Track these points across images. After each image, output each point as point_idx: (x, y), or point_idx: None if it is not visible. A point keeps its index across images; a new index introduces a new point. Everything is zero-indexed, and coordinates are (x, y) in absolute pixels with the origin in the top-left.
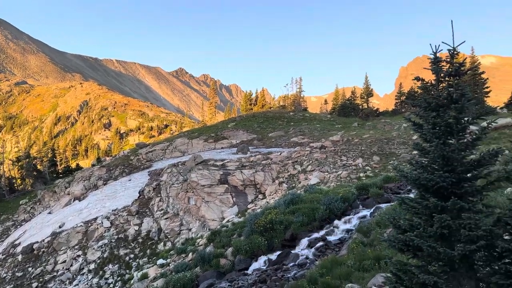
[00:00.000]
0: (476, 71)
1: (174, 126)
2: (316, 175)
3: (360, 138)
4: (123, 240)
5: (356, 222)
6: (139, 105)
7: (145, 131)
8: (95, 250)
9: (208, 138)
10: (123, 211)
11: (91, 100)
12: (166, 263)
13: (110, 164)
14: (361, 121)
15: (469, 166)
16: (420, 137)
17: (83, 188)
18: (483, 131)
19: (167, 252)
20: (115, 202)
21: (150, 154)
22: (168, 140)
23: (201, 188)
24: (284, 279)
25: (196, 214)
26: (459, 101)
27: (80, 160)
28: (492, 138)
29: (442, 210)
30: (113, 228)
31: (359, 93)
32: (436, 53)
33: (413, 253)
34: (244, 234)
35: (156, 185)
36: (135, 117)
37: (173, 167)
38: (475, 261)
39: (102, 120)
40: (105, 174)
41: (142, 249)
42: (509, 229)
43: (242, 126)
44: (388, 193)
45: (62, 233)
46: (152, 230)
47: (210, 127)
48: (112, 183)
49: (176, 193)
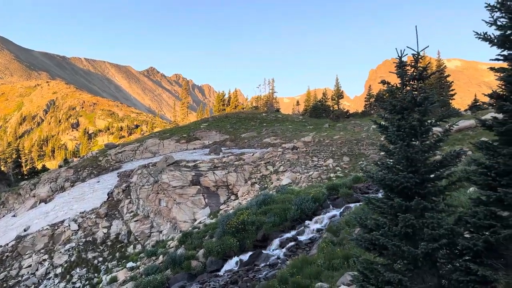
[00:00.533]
0: (442, 74)
1: (145, 127)
2: (288, 176)
3: (331, 139)
4: (91, 243)
5: (326, 221)
6: (109, 105)
7: (115, 131)
8: (62, 253)
9: (180, 138)
10: (91, 213)
11: (58, 99)
12: (136, 266)
13: (78, 165)
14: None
15: (432, 167)
16: (386, 139)
17: (49, 190)
18: (445, 133)
19: (137, 255)
20: (83, 205)
21: (120, 155)
22: (138, 140)
23: (173, 189)
24: (256, 279)
25: (167, 216)
26: (423, 104)
27: (46, 161)
28: (456, 139)
29: (406, 210)
30: (81, 231)
31: (330, 94)
32: (401, 57)
33: (379, 252)
34: (216, 236)
35: (126, 187)
36: (104, 117)
37: (143, 168)
38: (438, 259)
39: (70, 120)
40: (72, 175)
41: (111, 252)
42: (469, 227)
43: (214, 126)
44: (357, 193)
45: (27, 236)
46: (121, 233)
47: (182, 127)
48: (80, 184)
49: (146, 194)
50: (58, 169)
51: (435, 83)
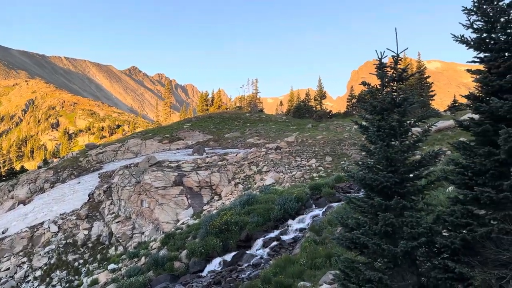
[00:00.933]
0: (422, 75)
1: (126, 127)
2: (271, 176)
3: (314, 139)
4: (71, 245)
5: (309, 221)
6: (89, 104)
7: (96, 131)
8: (41, 256)
9: (162, 139)
10: (71, 215)
11: (38, 98)
12: (118, 268)
13: (58, 166)
14: (315, 123)
15: (411, 166)
16: (367, 139)
17: (28, 191)
18: (424, 133)
19: (119, 257)
20: (63, 206)
21: (101, 156)
22: (120, 141)
23: (155, 190)
24: (239, 279)
25: (149, 217)
26: (402, 105)
27: (25, 162)
28: (436, 139)
29: (386, 209)
30: (61, 232)
31: (313, 95)
32: (381, 59)
33: (360, 251)
34: (199, 236)
35: (107, 188)
36: (85, 116)
37: (125, 169)
38: (417, 257)
39: (50, 120)
40: (52, 176)
41: (92, 254)
42: (447, 226)
43: (198, 126)
44: (339, 192)
45: (5, 239)
46: (102, 234)
47: (165, 127)
48: (60, 186)
49: (128, 195)
50: (38, 170)
51: (416, 84)
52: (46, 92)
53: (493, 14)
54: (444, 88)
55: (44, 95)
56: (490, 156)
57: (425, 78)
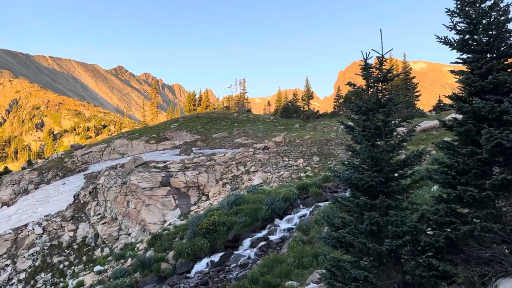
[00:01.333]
0: (408, 76)
1: (113, 127)
2: (259, 176)
3: (301, 139)
4: (56, 247)
5: (296, 221)
6: (75, 104)
7: (81, 131)
8: (25, 258)
9: (149, 139)
10: (56, 216)
11: (22, 98)
12: (104, 269)
13: (42, 167)
14: (303, 123)
15: (396, 166)
16: (352, 139)
17: (12, 193)
18: (408, 133)
19: (105, 258)
20: (48, 207)
21: (86, 156)
22: (106, 141)
23: (142, 191)
24: (226, 280)
25: (136, 218)
26: (387, 105)
27: (8, 162)
28: (421, 139)
29: (372, 208)
30: (45, 234)
31: (301, 95)
32: (366, 60)
33: (346, 250)
34: (187, 237)
35: (93, 189)
36: (70, 117)
37: (111, 170)
38: (402, 255)
39: (34, 120)
40: (36, 177)
41: (77, 256)
42: (431, 224)
43: (185, 127)
44: (326, 192)
45: None
46: (88, 236)
47: (151, 127)
48: (45, 187)
49: (114, 196)
50: (21, 171)
51: (401, 84)
52: (31, 92)
53: (475, 16)
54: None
55: (28, 94)
56: (473, 155)
57: (410, 79)
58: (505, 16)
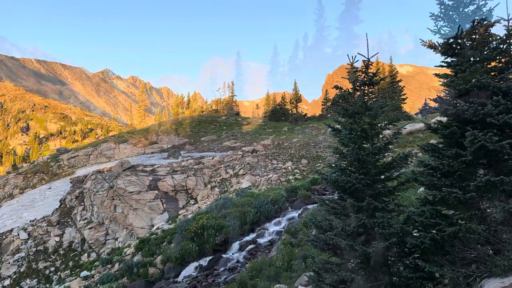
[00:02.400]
0: (394, 79)
1: (99, 130)
2: (247, 179)
3: (290, 142)
4: (42, 252)
5: (285, 223)
6: (61, 108)
7: (68, 135)
8: (10, 264)
9: (137, 142)
10: (42, 221)
11: (7, 102)
12: (91, 275)
13: (27, 171)
14: (291, 126)
15: (382, 168)
16: (339, 141)
17: None
18: (394, 136)
19: (92, 264)
20: (33, 212)
21: (73, 160)
22: (93, 145)
23: (129, 195)
24: (215, 284)
25: (123, 222)
26: (373, 108)
27: None
28: (408, 141)
29: (359, 210)
30: (31, 240)
31: (289, 98)
32: (352, 63)
33: (333, 252)
34: (175, 241)
35: (79, 193)
36: (56, 120)
37: (98, 174)
38: (389, 257)
39: (19, 124)
40: (22, 182)
41: (64, 261)
42: (418, 226)
43: (173, 130)
44: (315, 194)
45: None
46: (75, 241)
47: (139, 131)
48: (30, 191)
49: (101, 201)
50: (6, 176)
51: (388, 87)
52: (16, 95)
53: (459, 20)
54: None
55: (13, 98)
56: (457, 157)
57: (397, 82)
58: (488, 20)
